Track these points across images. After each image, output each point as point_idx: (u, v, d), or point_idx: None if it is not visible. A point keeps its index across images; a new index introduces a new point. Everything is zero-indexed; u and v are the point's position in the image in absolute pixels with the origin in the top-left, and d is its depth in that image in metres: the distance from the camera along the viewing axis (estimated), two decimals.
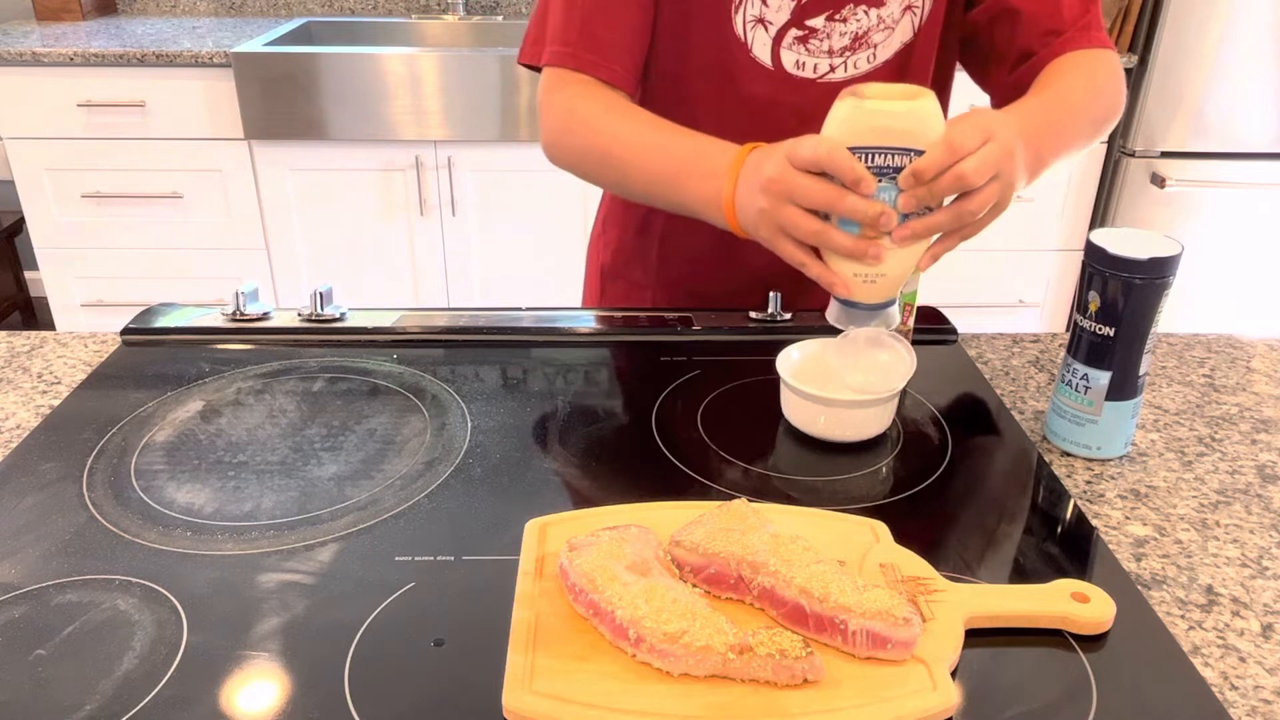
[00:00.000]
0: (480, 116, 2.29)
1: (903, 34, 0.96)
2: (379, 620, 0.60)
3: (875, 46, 0.96)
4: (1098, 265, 0.74)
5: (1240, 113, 2.30)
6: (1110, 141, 2.42)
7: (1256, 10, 2.19)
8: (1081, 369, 0.77)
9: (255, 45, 2.31)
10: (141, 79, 2.29)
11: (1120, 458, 0.80)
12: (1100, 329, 0.75)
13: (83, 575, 0.64)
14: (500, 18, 2.75)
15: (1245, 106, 2.29)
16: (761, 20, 0.93)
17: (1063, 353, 0.99)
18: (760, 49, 0.95)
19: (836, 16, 0.93)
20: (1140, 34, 2.30)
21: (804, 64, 0.96)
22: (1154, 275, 0.72)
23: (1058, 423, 0.81)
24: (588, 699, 0.52)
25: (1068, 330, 0.81)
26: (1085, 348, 0.77)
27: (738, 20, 0.94)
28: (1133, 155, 2.37)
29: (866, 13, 0.94)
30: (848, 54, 0.95)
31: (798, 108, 0.96)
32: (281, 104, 2.28)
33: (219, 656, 0.57)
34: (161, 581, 0.63)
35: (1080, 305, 0.76)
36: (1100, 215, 2.50)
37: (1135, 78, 2.34)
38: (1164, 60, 2.26)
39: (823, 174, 0.69)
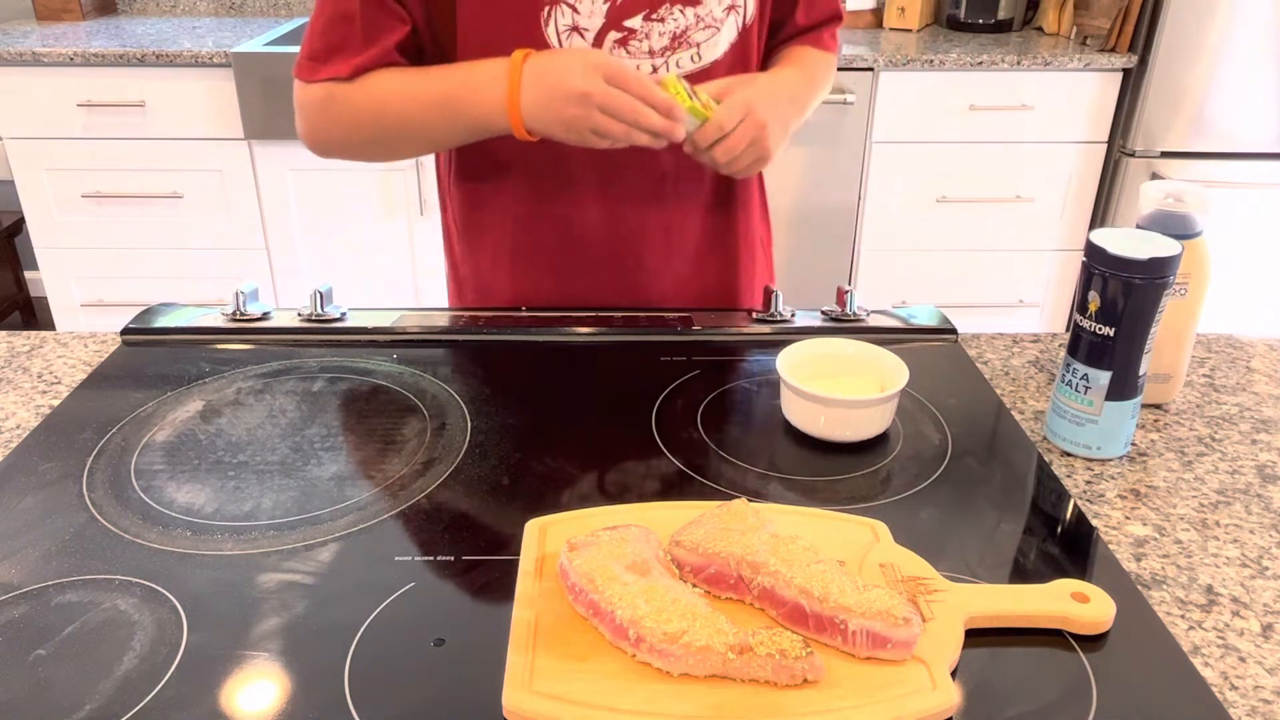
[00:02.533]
0: None
1: (729, 34, 0.98)
2: (379, 620, 0.60)
3: (698, 46, 0.97)
4: (1098, 265, 0.74)
5: (1240, 113, 2.30)
6: (1110, 141, 2.43)
7: (1256, 10, 2.19)
8: (1081, 369, 0.77)
9: (255, 45, 2.31)
10: (141, 79, 2.29)
11: (1120, 458, 0.80)
12: (1100, 329, 0.75)
13: (83, 575, 0.64)
14: None
15: (1245, 106, 2.29)
16: (576, 28, 0.93)
17: (1063, 353, 0.99)
18: None
19: (653, 16, 0.94)
20: (1140, 34, 2.30)
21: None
22: (1154, 275, 0.72)
23: (1058, 423, 0.81)
24: (588, 699, 0.52)
25: (1068, 330, 0.81)
26: (1085, 348, 0.77)
27: (549, 31, 0.93)
28: (1133, 155, 2.37)
29: (683, 11, 0.95)
30: (668, 53, 0.96)
31: None
32: (281, 104, 2.28)
33: (219, 656, 0.57)
34: (161, 581, 0.63)
35: (1080, 305, 0.76)
36: (1100, 215, 2.50)
37: (1135, 78, 2.34)
38: (1164, 60, 2.26)
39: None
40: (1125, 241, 0.73)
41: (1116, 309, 0.74)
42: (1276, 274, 2.46)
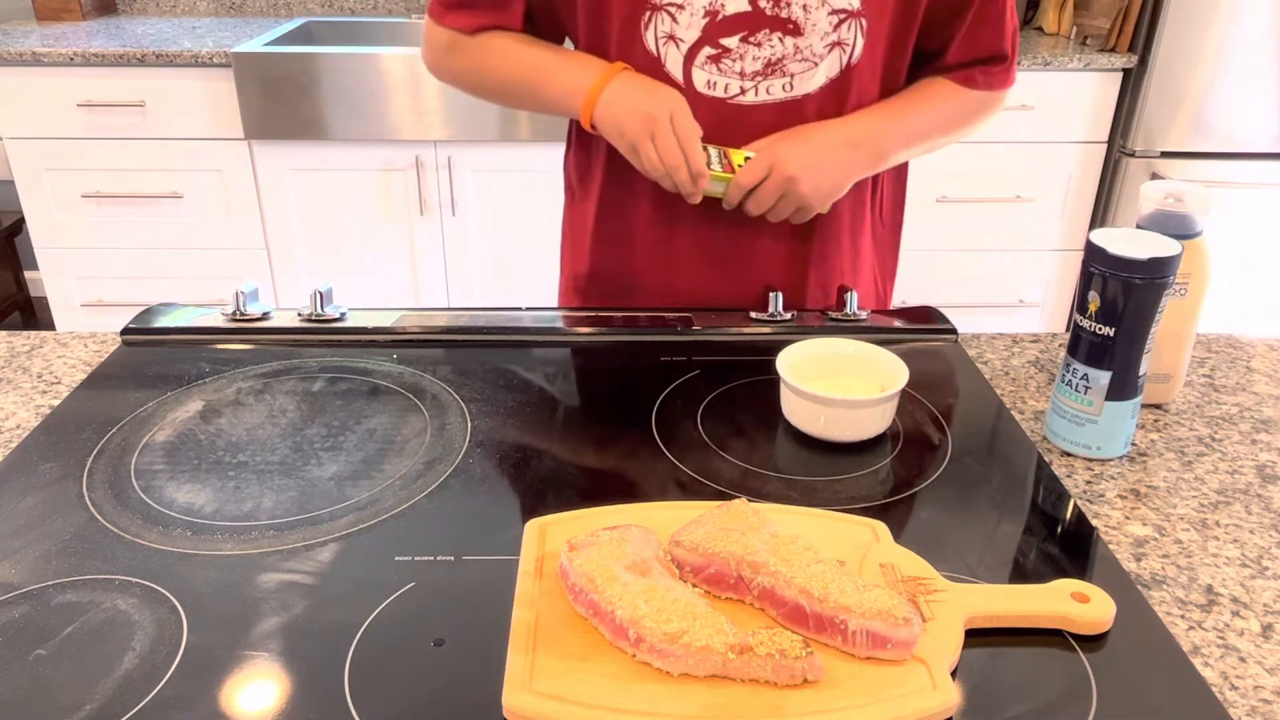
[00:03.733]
0: (480, 116, 2.29)
1: (829, 70, 0.96)
2: (379, 620, 0.60)
3: (792, 76, 0.96)
4: (1098, 265, 0.74)
5: (1240, 113, 2.30)
6: (1110, 141, 2.43)
7: (1256, 10, 2.19)
8: (1081, 369, 0.77)
9: (255, 45, 2.31)
10: (141, 79, 2.29)
11: (1120, 458, 0.80)
12: (1100, 329, 0.75)
13: (83, 575, 0.64)
14: None
15: (1245, 106, 2.29)
16: (673, 37, 0.95)
17: (1063, 353, 0.99)
18: (673, 65, 0.96)
19: (751, 39, 0.94)
20: (1140, 34, 2.30)
21: (715, 83, 0.96)
22: (1154, 275, 0.72)
23: (1058, 423, 0.81)
24: (588, 699, 0.52)
25: (1068, 330, 0.81)
26: (1085, 348, 0.77)
27: (648, 36, 0.95)
28: (1133, 155, 2.37)
29: (782, 40, 0.94)
30: (759, 79, 0.96)
31: (708, 124, 0.97)
32: (281, 104, 2.29)
33: (219, 656, 0.57)
34: (161, 581, 0.63)
35: (1080, 305, 0.76)
36: (1100, 215, 2.50)
37: (1135, 78, 2.34)
38: (1164, 60, 2.26)
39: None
40: (1125, 241, 0.73)
41: (1116, 309, 0.74)
42: (1276, 274, 2.46)
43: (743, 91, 0.97)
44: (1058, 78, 2.34)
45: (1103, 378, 0.76)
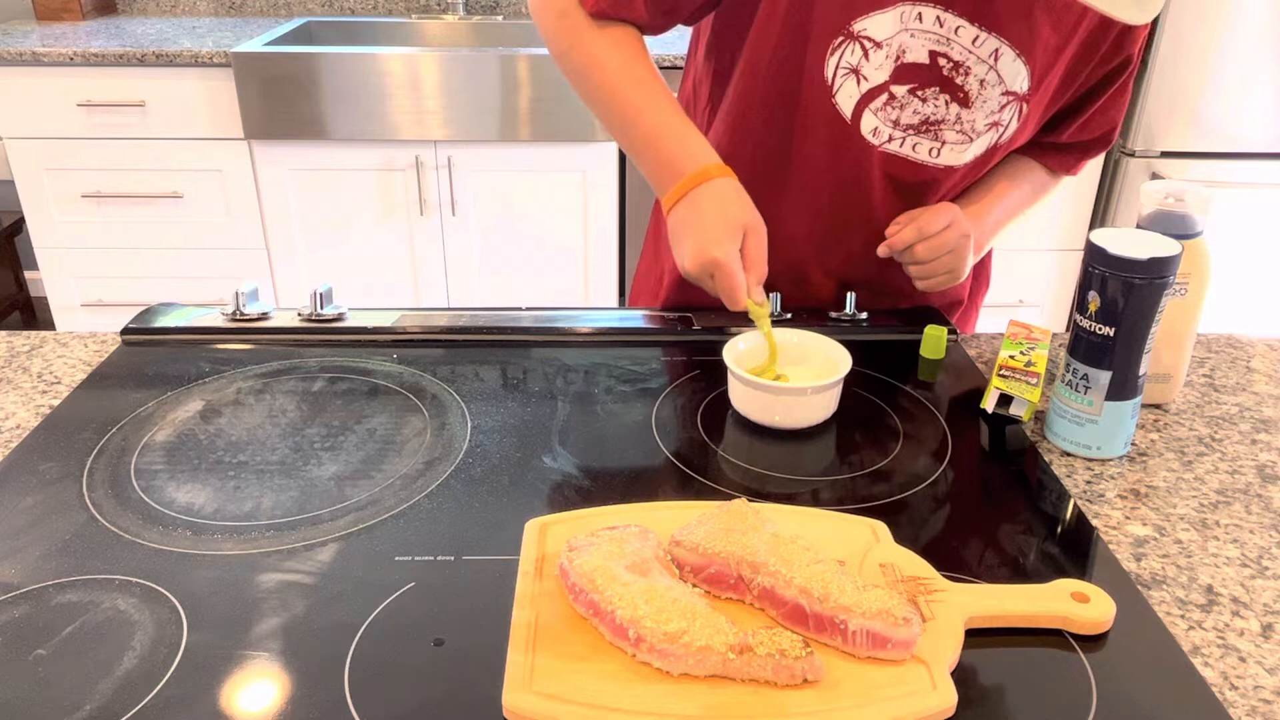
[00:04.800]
0: (480, 116, 2.29)
1: (977, 149, 0.95)
2: (379, 620, 0.60)
3: (943, 144, 0.93)
4: (1098, 265, 0.74)
5: (1240, 113, 2.30)
6: None
7: (1256, 10, 2.19)
8: (1081, 369, 0.77)
9: (255, 45, 2.31)
10: (141, 79, 2.29)
11: (1120, 458, 0.80)
12: (1100, 329, 0.75)
13: (83, 575, 0.64)
14: (500, 17, 2.75)
15: (1245, 106, 2.29)
16: (856, 71, 0.89)
17: (1063, 353, 0.99)
18: (844, 99, 0.91)
19: (918, 93, 0.90)
20: None
21: (875, 128, 0.93)
22: (1154, 275, 0.72)
23: (1058, 423, 0.81)
24: (588, 699, 0.52)
25: (1068, 330, 0.81)
26: (1085, 348, 0.77)
27: (830, 62, 0.89)
28: (1133, 155, 2.37)
29: (947, 105, 0.91)
30: (910, 133, 0.93)
31: (848, 165, 0.94)
32: (281, 104, 2.28)
33: (219, 656, 0.57)
34: (161, 581, 0.63)
35: (1080, 305, 0.76)
36: (1100, 215, 2.50)
37: (1135, 78, 2.34)
38: (1164, 60, 2.26)
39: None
40: (1125, 241, 0.73)
41: (1117, 309, 0.74)
42: (1276, 274, 2.46)
43: (890, 140, 0.93)
44: None
45: (1103, 378, 0.76)
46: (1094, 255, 0.74)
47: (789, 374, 0.86)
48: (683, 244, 0.88)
